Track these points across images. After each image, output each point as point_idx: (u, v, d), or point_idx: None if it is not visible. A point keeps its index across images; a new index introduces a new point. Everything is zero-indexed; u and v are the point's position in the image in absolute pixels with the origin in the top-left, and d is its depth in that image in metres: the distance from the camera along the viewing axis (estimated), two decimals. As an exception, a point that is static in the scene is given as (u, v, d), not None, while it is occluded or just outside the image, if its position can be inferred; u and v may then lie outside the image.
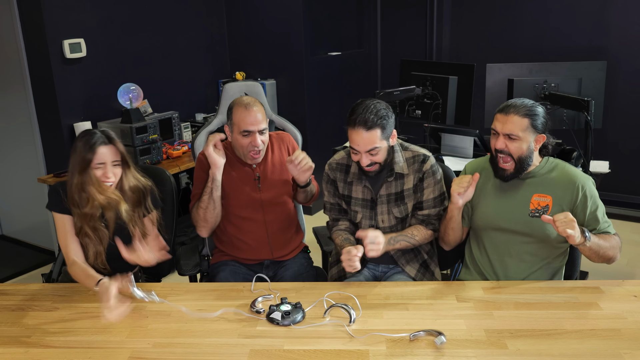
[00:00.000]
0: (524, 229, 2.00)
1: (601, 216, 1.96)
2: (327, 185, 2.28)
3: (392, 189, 2.16)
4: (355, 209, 2.20)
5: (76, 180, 1.98)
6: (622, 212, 4.33)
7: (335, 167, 2.24)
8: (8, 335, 1.71)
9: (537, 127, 1.94)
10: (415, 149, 2.18)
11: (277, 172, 2.33)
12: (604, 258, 1.93)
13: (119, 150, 2.02)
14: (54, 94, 3.59)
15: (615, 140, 4.36)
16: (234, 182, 2.28)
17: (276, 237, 2.33)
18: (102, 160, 1.97)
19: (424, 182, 2.15)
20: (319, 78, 4.79)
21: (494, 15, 4.75)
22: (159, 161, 3.58)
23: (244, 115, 2.16)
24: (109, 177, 1.99)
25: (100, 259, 2.05)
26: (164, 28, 4.25)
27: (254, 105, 2.19)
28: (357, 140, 2.00)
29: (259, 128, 2.18)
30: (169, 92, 4.32)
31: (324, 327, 1.70)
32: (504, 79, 3.21)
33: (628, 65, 4.28)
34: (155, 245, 2.06)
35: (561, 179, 1.98)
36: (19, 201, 4.19)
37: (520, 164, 1.96)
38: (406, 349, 1.57)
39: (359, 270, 1.97)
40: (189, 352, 1.60)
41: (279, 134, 2.43)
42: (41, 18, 3.47)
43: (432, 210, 2.17)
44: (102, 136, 1.99)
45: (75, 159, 1.99)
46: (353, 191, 2.20)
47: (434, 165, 2.16)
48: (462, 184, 1.97)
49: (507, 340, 1.60)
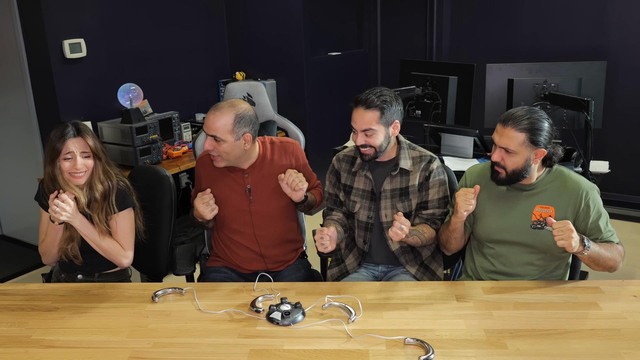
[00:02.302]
0: (526, 240, 1.98)
1: (604, 225, 1.94)
2: (329, 175, 2.30)
3: (397, 184, 2.17)
4: (354, 199, 2.21)
5: (48, 171, 2.06)
6: (622, 212, 4.33)
7: (342, 158, 2.28)
8: (8, 335, 1.71)
9: (536, 142, 1.87)
10: (422, 150, 2.22)
11: (272, 183, 2.21)
12: (604, 267, 1.92)
13: (87, 143, 2.06)
14: (54, 94, 3.59)
15: (615, 140, 4.36)
16: (224, 192, 2.22)
17: (269, 252, 2.26)
18: (70, 150, 2.02)
19: (429, 181, 2.16)
20: (319, 78, 4.79)
21: (494, 15, 4.75)
22: (159, 161, 3.57)
23: (207, 118, 2.10)
24: (78, 168, 2.04)
25: (71, 245, 2.11)
26: (164, 28, 4.25)
27: (219, 108, 2.09)
28: (355, 118, 2.08)
29: (210, 132, 2.07)
30: (169, 92, 4.32)
31: (324, 327, 1.70)
32: (504, 79, 3.21)
33: (628, 65, 4.28)
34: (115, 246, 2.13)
35: (564, 188, 1.95)
36: (19, 201, 4.19)
37: (514, 175, 1.92)
38: (406, 349, 1.57)
39: (330, 251, 2.01)
40: (189, 352, 1.60)
41: (282, 142, 2.29)
42: (41, 18, 3.47)
43: (437, 210, 2.17)
44: (72, 128, 2.04)
45: (47, 149, 2.06)
46: (355, 181, 2.22)
47: (439, 167, 2.18)
48: (468, 201, 1.94)
49: (507, 340, 1.60)
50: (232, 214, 2.23)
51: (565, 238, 1.76)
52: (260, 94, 2.64)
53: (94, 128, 3.64)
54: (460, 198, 1.95)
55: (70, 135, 2.03)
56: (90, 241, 2.10)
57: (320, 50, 4.93)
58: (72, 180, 2.05)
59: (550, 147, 1.92)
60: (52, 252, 2.15)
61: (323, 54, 4.95)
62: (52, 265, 2.26)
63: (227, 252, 2.29)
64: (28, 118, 3.81)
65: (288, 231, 2.33)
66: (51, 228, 2.10)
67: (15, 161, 4.08)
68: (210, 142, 2.08)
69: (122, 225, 2.14)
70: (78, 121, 2.12)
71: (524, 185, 1.98)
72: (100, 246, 2.10)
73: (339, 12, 5.18)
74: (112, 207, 2.11)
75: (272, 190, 2.22)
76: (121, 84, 3.73)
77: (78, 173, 2.05)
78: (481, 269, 2.09)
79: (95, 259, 2.15)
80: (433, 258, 2.27)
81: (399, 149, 2.17)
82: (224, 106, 2.09)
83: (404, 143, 2.19)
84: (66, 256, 2.13)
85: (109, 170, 2.14)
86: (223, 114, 2.06)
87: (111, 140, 3.52)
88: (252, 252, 2.26)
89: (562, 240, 1.77)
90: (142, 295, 1.95)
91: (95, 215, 2.09)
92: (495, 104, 3.27)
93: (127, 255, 2.16)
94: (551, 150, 1.93)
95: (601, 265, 1.91)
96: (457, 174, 2.33)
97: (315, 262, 2.49)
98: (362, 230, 2.23)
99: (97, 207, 2.10)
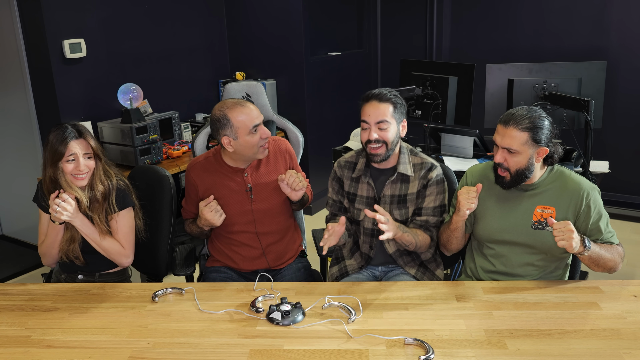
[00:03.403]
0: (526, 241, 1.98)
1: (604, 226, 1.94)
2: (332, 182, 2.28)
3: (397, 190, 2.16)
4: (359, 207, 2.20)
5: (49, 173, 2.05)
6: (622, 212, 4.33)
7: (344, 164, 2.26)
8: (8, 335, 1.71)
9: (538, 140, 1.87)
10: (424, 157, 2.20)
11: (272, 181, 2.24)
12: (604, 268, 1.92)
13: (89, 144, 2.07)
14: (54, 94, 3.59)
15: (615, 140, 4.36)
16: (225, 195, 2.22)
17: (272, 249, 2.28)
18: (73, 152, 2.03)
19: (427, 189, 2.14)
20: (319, 78, 4.79)
21: (494, 15, 4.75)
22: (159, 161, 3.57)
23: (247, 112, 2.11)
24: (81, 170, 2.05)
25: (72, 246, 2.10)
26: (164, 28, 4.25)
27: (245, 102, 2.16)
28: (368, 112, 2.05)
29: (261, 119, 2.15)
30: (169, 92, 4.32)
31: (324, 327, 1.70)
32: (504, 79, 3.21)
33: (628, 65, 4.28)
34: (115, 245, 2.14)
35: (565, 188, 1.95)
36: (19, 201, 4.19)
37: (518, 176, 1.92)
38: (406, 349, 1.57)
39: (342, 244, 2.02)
40: (189, 352, 1.60)
41: (275, 140, 2.32)
42: (41, 18, 3.47)
43: (431, 218, 2.16)
44: (73, 130, 2.05)
45: (48, 152, 2.05)
46: (359, 189, 2.20)
47: (439, 175, 2.16)
48: (471, 199, 1.93)
49: (507, 340, 1.60)
50: (234, 215, 2.22)
51: (566, 239, 1.76)
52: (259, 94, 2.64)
53: (94, 128, 3.64)
54: (463, 196, 1.94)
55: (72, 137, 2.03)
56: (91, 241, 2.10)
57: (320, 50, 4.93)
58: (74, 182, 2.06)
59: (552, 145, 1.92)
60: (52, 253, 2.15)
61: (323, 54, 4.95)
62: (52, 266, 2.27)
63: (228, 253, 2.29)
64: (28, 118, 3.81)
65: (289, 226, 2.35)
66: (52, 228, 2.10)
67: (15, 161, 4.08)
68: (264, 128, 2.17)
69: (122, 224, 2.14)
70: (76, 122, 2.13)
71: (526, 185, 1.98)
72: (101, 246, 2.10)
73: (339, 12, 5.17)
74: (113, 206, 2.12)
75: (272, 187, 2.24)
76: (121, 84, 3.73)
77: (81, 174, 2.05)
78: (481, 269, 2.09)
79: (96, 259, 2.15)
80: (432, 259, 2.27)
81: (399, 154, 2.16)
82: (241, 99, 2.18)
83: (405, 148, 2.18)
84: (67, 257, 2.13)
85: (108, 170, 2.14)
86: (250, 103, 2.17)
87: (111, 140, 3.52)
88: (254, 251, 2.26)
89: (563, 241, 1.76)
90: (142, 295, 1.95)
91: (95, 216, 2.10)
92: (495, 104, 3.27)
93: (128, 255, 2.16)
94: (552, 149, 1.93)
95: (601, 266, 1.90)
96: (457, 174, 2.33)
97: (315, 262, 2.49)
98: (367, 237, 2.23)
99: (98, 208, 2.10)
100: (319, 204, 4.81)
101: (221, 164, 2.24)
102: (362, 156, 2.20)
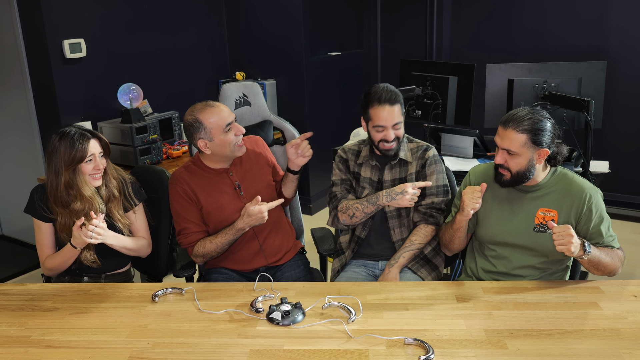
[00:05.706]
0: (528, 243, 1.98)
1: (605, 230, 1.93)
2: (338, 165, 2.35)
3: (397, 174, 2.24)
4: (364, 185, 2.28)
5: (64, 179, 2.03)
6: (622, 212, 4.33)
7: (348, 150, 2.36)
8: (8, 335, 1.71)
9: (538, 142, 1.86)
10: (418, 141, 2.32)
11: (257, 177, 2.27)
12: (604, 272, 1.91)
13: (102, 142, 2.10)
14: (54, 94, 3.59)
15: (615, 140, 4.36)
16: (217, 198, 2.20)
17: (268, 243, 2.29)
18: (92, 152, 2.05)
19: (426, 168, 2.23)
20: (319, 78, 4.78)
21: (494, 15, 4.75)
22: (159, 161, 3.58)
23: (217, 112, 2.11)
24: (100, 168, 2.07)
25: (89, 253, 2.09)
26: (164, 28, 4.25)
27: (214, 102, 2.16)
28: (384, 116, 2.13)
29: (233, 118, 2.15)
30: (169, 92, 4.32)
31: (324, 327, 1.70)
32: (504, 79, 3.21)
33: (628, 65, 4.28)
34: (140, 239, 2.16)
35: (568, 191, 1.94)
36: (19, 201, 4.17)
37: (518, 177, 1.92)
38: (406, 349, 1.57)
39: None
40: (189, 352, 1.60)
41: (250, 137, 2.34)
42: (41, 18, 3.47)
43: (436, 199, 2.21)
44: (85, 132, 2.06)
45: (59, 159, 2.03)
46: (362, 170, 2.29)
47: (436, 155, 2.26)
48: (475, 199, 1.93)
49: (507, 340, 1.60)
50: (230, 215, 2.20)
51: (565, 243, 1.75)
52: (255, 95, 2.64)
53: (94, 128, 3.64)
54: (467, 196, 1.94)
55: (88, 139, 2.05)
56: (122, 248, 2.11)
57: (320, 50, 4.93)
58: (92, 182, 2.07)
59: (554, 146, 1.91)
60: (62, 269, 2.15)
61: (323, 54, 4.95)
62: (54, 275, 2.25)
63: (228, 256, 2.28)
64: (28, 118, 3.81)
65: (281, 219, 2.37)
66: (69, 251, 2.06)
67: (15, 161, 4.08)
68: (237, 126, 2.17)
69: (140, 216, 2.20)
70: (77, 124, 2.14)
71: (528, 186, 1.97)
72: (132, 249, 2.14)
73: (339, 12, 5.17)
74: (132, 199, 2.16)
75: (259, 181, 2.27)
76: (121, 84, 3.74)
77: (99, 173, 2.08)
78: (482, 269, 2.09)
79: (108, 260, 2.16)
80: (435, 252, 2.30)
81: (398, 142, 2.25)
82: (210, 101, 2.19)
83: (403, 137, 2.27)
84: (83, 263, 2.11)
85: (116, 166, 2.19)
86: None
87: (111, 140, 3.52)
88: (251, 248, 2.27)
89: (561, 245, 1.76)
90: (142, 295, 1.95)
91: (115, 212, 2.11)
92: (496, 104, 3.27)
93: (150, 244, 2.24)
94: (555, 150, 1.91)
95: (600, 270, 1.90)
96: (457, 174, 2.34)
97: (314, 261, 2.49)
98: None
99: (116, 203, 2.12)
100: (319, 204, 4.81)
101: (204, 169, 2.22)
102: (365, 145, 2.31)
